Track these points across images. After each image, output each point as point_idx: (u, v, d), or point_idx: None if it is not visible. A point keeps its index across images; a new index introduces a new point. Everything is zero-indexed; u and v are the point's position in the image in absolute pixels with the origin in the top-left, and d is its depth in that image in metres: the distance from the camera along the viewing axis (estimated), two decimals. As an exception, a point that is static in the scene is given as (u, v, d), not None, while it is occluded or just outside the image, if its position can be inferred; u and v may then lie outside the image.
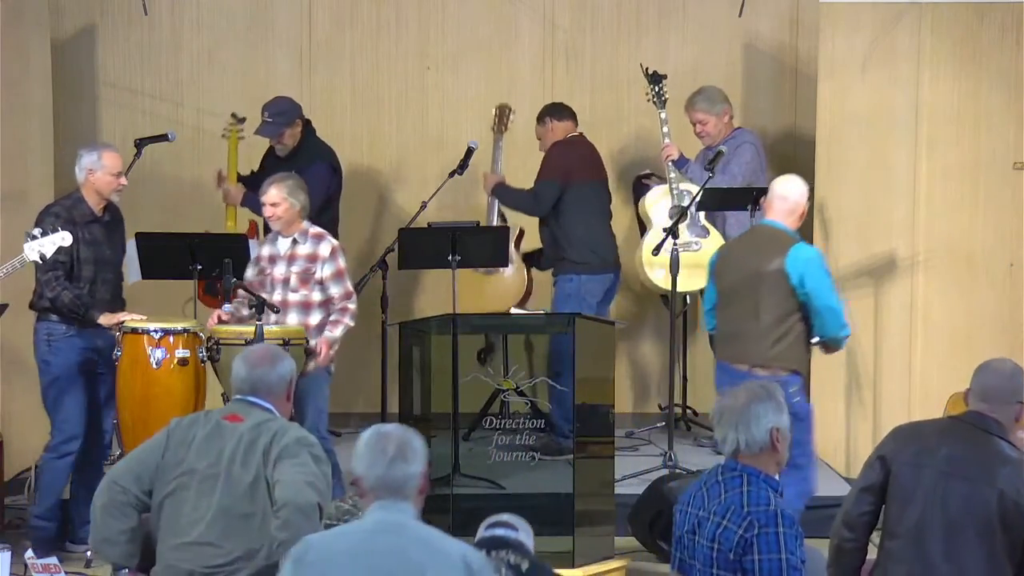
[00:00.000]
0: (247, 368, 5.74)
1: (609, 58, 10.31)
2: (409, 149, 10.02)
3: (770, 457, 5.04)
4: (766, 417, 5.03)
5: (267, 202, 8.12)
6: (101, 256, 7.92)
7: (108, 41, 10.13)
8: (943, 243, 9.29)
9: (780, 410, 5.05)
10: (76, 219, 7.83)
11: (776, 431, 5.02)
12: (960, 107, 9.25)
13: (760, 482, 4.98)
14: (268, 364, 5.76)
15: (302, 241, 8.16)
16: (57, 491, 7.91)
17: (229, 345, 7.92)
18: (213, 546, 5.50)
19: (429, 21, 10.29)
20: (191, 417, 5.74)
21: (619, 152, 10.32)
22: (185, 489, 5.59)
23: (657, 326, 9.99)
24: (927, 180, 9.28)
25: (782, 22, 10.30)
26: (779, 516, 4.87)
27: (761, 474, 4.99)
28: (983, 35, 9.23)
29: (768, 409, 5.04)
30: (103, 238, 7.95)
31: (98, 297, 7.89)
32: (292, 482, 5.40)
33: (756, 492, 4.93)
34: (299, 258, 8.14)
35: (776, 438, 5.02)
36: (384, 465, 4.40)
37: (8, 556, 6.76)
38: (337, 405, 10.17)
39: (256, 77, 10.17)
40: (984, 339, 9.18)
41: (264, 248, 8.22)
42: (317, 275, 8.05)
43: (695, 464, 8.89)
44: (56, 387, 7.88)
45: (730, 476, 4.99)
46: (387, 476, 4.39)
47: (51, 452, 7.92)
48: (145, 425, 7.77)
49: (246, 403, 5.71)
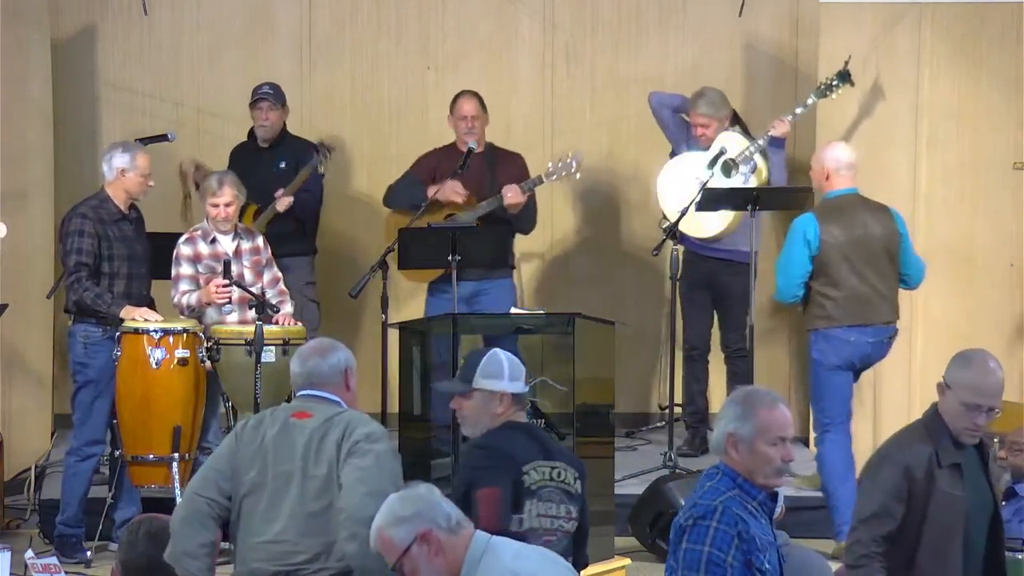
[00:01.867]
0: (300, 363, 5.66)
1: (609, 58, 10.31)
2: (409, 149, 10.00)
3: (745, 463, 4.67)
4: (723, 420, 4.71)
5: (221, 202, 8.10)
6: (134, 252, 7.98)
7: (108, 41, 10.12)
8: (943, 243, 9.28)
9: (742, 417, 4.67)
10: (104, 218, 7.89)
11: (730, 437, 4.66)
12: (960, 107, 9.25)
13: (728, 482, 4.67)
14: (319, 356, 5.68)
15: (244, 237, 8.20)
16: (81, 496, 7.90)
17: (229, 345, 7.92)
18: (291, 543, 5.45)
19: (429, 21, 10.28)
20: (256, 418, 5.60)
21: (619, 152, 10.32)
22: (260, 488, 5.51)
23: (657, 326, 9.99)
24: (927, 180, 9.28)
25: (782, 22, 10.29)
26: (719, 512, 4.58)
27: (738, 477, 4.68)
28: (983, 35, 9.23)
29: (728, 412, 4.71)
30: (133, 235, 8.00)
31: (134, 293, 7.93)
32: (353, 491, 5.33)
33: (714, 488, 4.65)
34: (245, 253, 8.19)
35: (731, 445, 4.66)
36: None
37: (8, 556, 6.76)
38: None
39: (256, 77, 10.14)
40: (984, 339, 9.15)
41: (200, 247, 8.17)
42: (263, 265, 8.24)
43: (695, 464, 8.90)
44: (90, 390, 7.88)
45: (710, 473, 4.77)
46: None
47: (74, 455, 7.91)
48: (145, 425, 7.79)
49: (310, 398, 5.65)
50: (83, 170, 9.94)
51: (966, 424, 5.29)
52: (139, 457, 7.82)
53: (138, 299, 7.94)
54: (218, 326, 8.03)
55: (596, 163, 10.18)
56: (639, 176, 10.22)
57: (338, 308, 10.09)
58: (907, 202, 9.25)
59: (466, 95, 9.13)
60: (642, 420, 10.08)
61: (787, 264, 8.19)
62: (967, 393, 5.28)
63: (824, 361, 8.18)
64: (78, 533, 7.89)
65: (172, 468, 7.73)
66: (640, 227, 10.18)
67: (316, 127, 10.12)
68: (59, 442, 9.09)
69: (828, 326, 8.15)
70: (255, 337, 7.73)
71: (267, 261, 8.29)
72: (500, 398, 5.40)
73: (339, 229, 10.21)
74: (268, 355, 7.80)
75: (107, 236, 7.86)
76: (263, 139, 9.25)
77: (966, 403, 5.27)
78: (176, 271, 8.10)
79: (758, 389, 4.82)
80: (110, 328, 7.85)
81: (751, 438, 4.64)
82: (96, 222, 7.83)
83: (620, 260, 10.33)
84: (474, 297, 8.95)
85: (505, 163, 9.07)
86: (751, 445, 4.64)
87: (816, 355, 8.21)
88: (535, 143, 9.78)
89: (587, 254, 10.36)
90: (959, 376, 5.34)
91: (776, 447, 4.65)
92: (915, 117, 9.21)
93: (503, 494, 5.28)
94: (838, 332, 8.14)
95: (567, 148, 9.29)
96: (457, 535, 4.47)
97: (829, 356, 8.16)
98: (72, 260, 7.82)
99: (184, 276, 8.12)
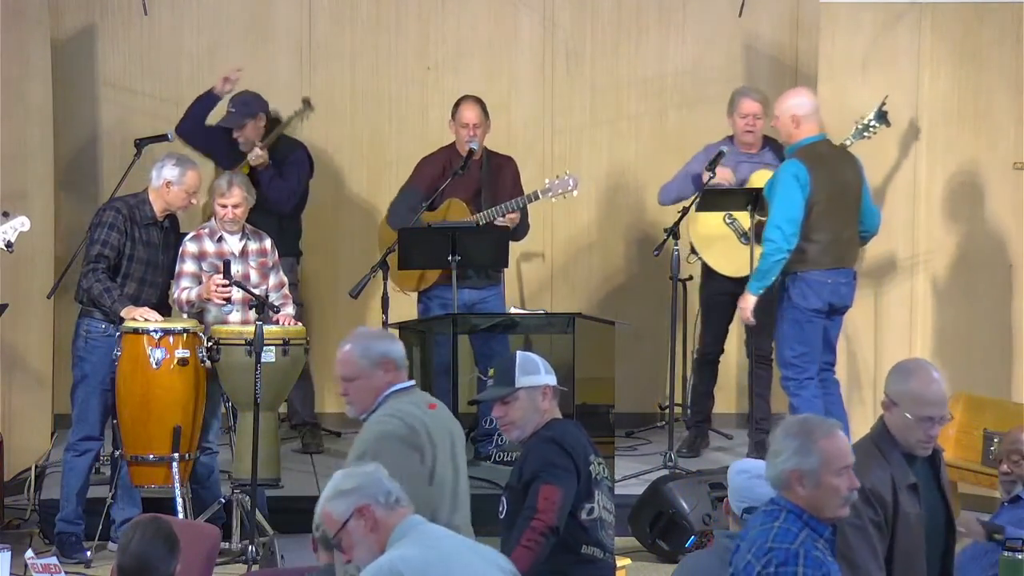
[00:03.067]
0: (398, 345, 5.68)
1: (609, 58, 10.31)
2: (409, 149, 10.00)
3: (811, 498, 4.51)
4: (781, 455, 4.54)
5: (229, 203, 8.11)
6: (154, 259, 8.00)
7: (108, 41, 10.11)
8: (943, 243, 9.28)
9: (803, 451, 4.49)
10: (137, 218, 7.95)
11: (794, 473, 4.49)
12: (960, 107, 9.25)
13: (796, 521, 4.49)
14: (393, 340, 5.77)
15: (251, 238, 8.21)
16: (78, 491, 7.90)
17: (229, 345, 7.92)
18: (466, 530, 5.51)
19: (429, 21, 10.28)
20: (409, 413, 5.50)
21: (619, 152, 10.32)
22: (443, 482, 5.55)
23: (657, 326, 9.98)
24: (927, 180, 9.27)
25: (782, 22, 10.30)
26: (802, 556, 4.41)
27: (804, 514, 4.49)
28: (983, 35, 9.22)
29: (786, 446, 4.52)
30: (159, 243, 8.03)
31: (143, 298, 7.94)
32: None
33: (785, 529, 4.46)
34: (252, 254, 8.20)
35: (795, 480, 4.49)
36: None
37: (8, 556, 6.75)
38: (338, 405, 10.18)
39: (256, 77, 10.14)
40: (984, 340, 9.18)
41: (206, 244, 8.17)
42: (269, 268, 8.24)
43: (695, 464, 8.90)
44: (85, 385, 7.91)
45: (770, 510, 4.57)
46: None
47: (70, 450, 7.95)
48: (145, 425, 7.79)
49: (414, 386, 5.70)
50: (83, 170, 9.95)
51: (919, 437, 5.18)
52: (139, 457, 7.82)
53: (145, 305, 7.92)
54: (218, 326, 8.03)
55: (596, 163, 10.19)
56: (639, 176, 10.22)
57: (338, 308, 10.10)
58: (907, 202, 9.26)
59: (468, 102, 9.03)
60: (642, 420, 10.08)
61: (787, 210, 8.14)
62: (915, 406, 5.15)
63: (803, 304, 8.21)
64: (77, 531, 7.89)
65: (172, 468, 7.73)
66: (641, 227, 10.18)
67: (316, 127, 10.12)
68: (59, 442, 9.08)
69: (807, 269, 8.22)
70: (255, 337, 7.73)
71: (274, 264, 8.29)
72: (543, 392, 5.55)
73: (339, 228, 10.21)
74: (268, 355, 7.80)
75: (133, 237, 7.92)
76: (243, 150, 9.15)
77: (916, 416, 5.14)
78: (179, 268, 8.12)
79: (811, 418, 4.64)
80: (112, 326, 7.86)
81: (817, 471, 4.48)
82: (128, 220, 7.91)
83: (620, 260, 10.33)
84: (474, 306, 8.92)
85: (500, 169, 9.04)
86: (817, 479, 4.48)
87: (795, 298, 8.22)
88: (535, 143, 9.78)
89: (587, 254, 10.35)
90: (903, 389, 5.19)
91: (842, 477, 4.51)
92: (915, 117, 9.21)
93: (564, 496, 5.40)
94: (816, 275, 8.22)
95: (567, 148, 9.29)
96: (394, 512, 4.41)
97: (809, 298, 8.21)
98: (95, 250, 7.88)
99: (186, 273, 8.13)
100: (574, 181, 8.83)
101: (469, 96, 9.09)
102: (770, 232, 8.18)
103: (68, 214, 9.67)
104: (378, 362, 5.50)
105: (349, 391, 5.53)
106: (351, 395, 5.54)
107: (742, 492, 5.17)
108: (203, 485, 8.04)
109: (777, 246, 8.16)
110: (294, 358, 8.02)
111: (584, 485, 5.47)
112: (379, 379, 5.50)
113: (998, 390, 8.97)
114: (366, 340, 5.56)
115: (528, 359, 5.61)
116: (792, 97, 8.36)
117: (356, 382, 5.51)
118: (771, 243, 8.17)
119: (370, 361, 5.49)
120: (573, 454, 5.46)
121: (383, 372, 5.50)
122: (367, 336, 5.62)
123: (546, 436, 5.52)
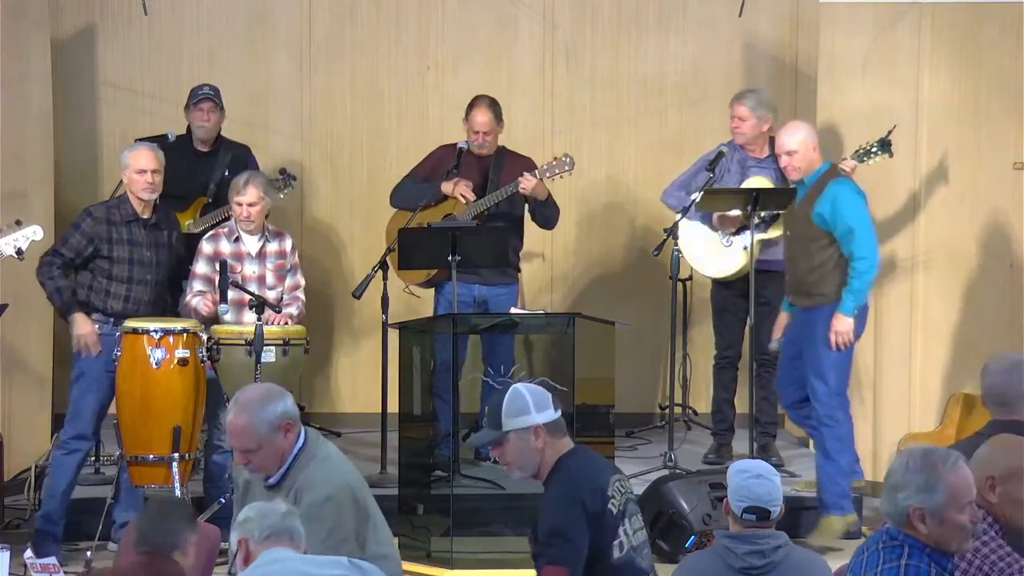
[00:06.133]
0: (288, 400, 5.58)
1: (609, 58, 10.31)
2: (409, 149, 10.01)
3: (934, 534, 4.31)
4: (903, 490, 4.33)
5: (244, 202, 8.10)
6: (140, 257, 7.91)
7: (108, 41, 10.12)
8: (943, 243, 9.28)
9: (928, 488, 4.28)
10: (115, 219, 7.88)
11: (917, 511, 4.29)
12: (960, 107, 9.25)
13: (922, 555, 4.30)
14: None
15: (270, 238, 8.20)
16: (62, 490, 7.83)
17: (229, 345, 7.92)
18: None
19: (429, 21, 10.28)
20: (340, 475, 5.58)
21: (619, 152, 10.32)
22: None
23: (657, 326, 9.98)
24: (927, 180, 9.27)
25: (782, 22, 10.30)
26: None
27: (927, 548, 4.29)
28: (983, 35, 9.22)
29: (909, 482, 4.32)
30: (144, 239, 7.93)
31: (134, 297, 7.90)
32: None
33: (915, 568, 4.28)
34: (270, 255, 8.20)
35: (917, 519, 4.30)
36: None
37: (8, 556, 6.75)
38: (337, 405, 10.20)
39: (256, 77, 10.16)
40: (984, 339, 9.17)
41: (222, 245, 8.18)
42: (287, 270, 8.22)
43: (695, 464, 8.90)
44: (79, 384, 7.89)
45: (890, 546, 4.36)
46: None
47: (60, 448, 7.92)
48: (145, 425, 7.78)
49: None
50: (83, 170, 9.95)
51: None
52: (139, 457, 7.81)
53: (137, 304, 7.90)
54: (218, 326, 8.03)
55: (596, 163, 10.20)
56: (638, 176, 10.23)
57: (338, 308, 10.11)
58: (907, 202, 9.26)
59: (481, 106, 8.87)
60: (642, 420, 10.08)
61: (869, 225, 8.00)
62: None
63: (860, 330, 8.04)
64: (56, 531, 7.77)
65: (172, 468, 7.72)
66: (640, 227, 10.19)
67: (316, 127, 10.13)
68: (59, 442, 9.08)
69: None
70: (255, 337, 7.73)
71: (292, 266, 8.26)
72: (535, 432, 5.26)
73: (339, 228, 10.22)
74: (268, 355, 7.80)
75: (110, 238, 7.86)
76: (201, 140, 9.04)
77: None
78: (193, 268, 8.13)
79: (934, 450, 4.41)
80: (109, 324, 7.86)
81: (941, 510, 4.29)
82: (102, 222, 7.85)
83: (620, 260, 10.34)
84: (486, 302, 8.92)
85: (513, 165, 9.01)
86: (942, 517, 4.29)
87: (856, 325, 7.98)
88: (535, 143, 9.77)
89: (587, 254, 10.36)
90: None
91: (966, 512, 4.32)
92: (915, 117, 9.21)
93: (571, 571, 5.15)
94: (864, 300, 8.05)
95: (567, 148, 9.26)
96: (261, 545, 4.70)
97: (859, 326, 8.04)
98: (54, 247, 7.87)
99: (199, 275, 8.14)
100: (571, 161, 8.79)
101: (482, 98, 8.91)
102: (862, 250, 7.92)
103: (68, 214, 9.66)
104: (278, 425, 5.38)
105: (252, 460, 5.39)
106: (254, 463, 5.41)
107: (741, 492, 5.17)
108: (215, 484, 8.02)
109: (871, 263, 7.97)
110: (294, 358, 8.02)
111: (607, 525, 5.22)
112: (281, 442, 5.41)
113: (998, 390, 8.96)
114: (259, 405, 5.37)
115: (516, 398, 5.29)
116: (803, 128, 8.15)
117: (260, 451, 5.38)
118: (865, 260, 7.93)
119: (269, 426, 5.35)
120: (586, 503, 5.19)
121: (283, 435, 5.39)
122: (258, 400, 5.41)
123: (556, 490, 5.25)
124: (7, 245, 7.43)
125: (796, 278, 8.15)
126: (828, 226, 7.96)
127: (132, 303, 7.90)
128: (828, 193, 7.98)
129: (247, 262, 8.18)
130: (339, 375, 10.29)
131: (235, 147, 9.14)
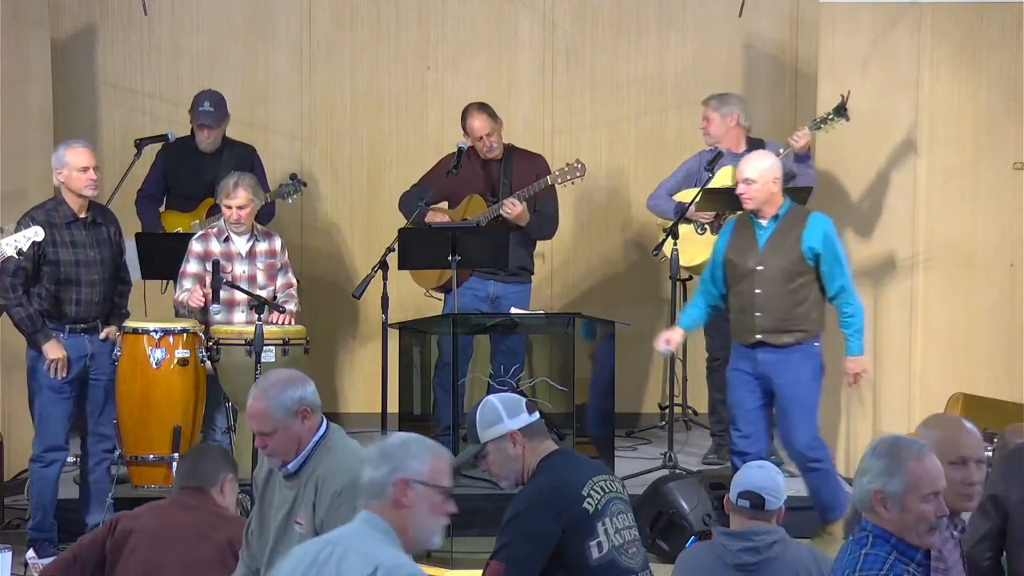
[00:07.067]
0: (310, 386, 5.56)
1: (609, 58, 10.31)
2: (409, 149, 10.02)
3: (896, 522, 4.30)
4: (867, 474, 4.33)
5: (233, 204, 8.12)
6: (85, 258, 7.72)
7: (108, 41, 10.12)
8: (943, 243, 9.27)
9: (889, 472, 4.28)
10: (55, 221, 7.66)
11: (878, 495, 4.28)
12: (960, 107, 9.24)
13: (885, 546, 4.29)
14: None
15: (260, 238, 8.21)
16: (48, 502, 7.78)
17: (229, 345, 7.93)
18: None
19: (429, 21, 10.29)
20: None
21: (619, 152, 10.32)
22: None
23: (657, 326, 9.99)
24: (927, 180, 9.27)
25: (782, 22, 10.30)
26: None
27: (891, 538, 4.28)
28: (983, 35, 9.22)
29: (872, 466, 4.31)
30: (86, 240, 7.74)
31: (85, 300, 7.75)
32: None
33: (874, 557, 4.27)
34: (260, 255, 8.21)
35: (878, 502, 4.29)
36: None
37: (8, 556, 6.76)
38: (337, 405, 10.20)
39: (256, 77, 10.17)
40: (984, 339, 9.18)
41: (212, 244, 8.19)
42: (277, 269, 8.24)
43: (695, 464, 8.90)
44: (41, 396, 7.76)
45: (859, 536, 4.35)
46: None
47: (36, 461, 7.81)
48: (145, 425, 7.79)
49: None
50: (83, 170, 9.94)
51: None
52: (139, 457, 7.82)
53: (88, 306, 7.73)
54: (218, 326, 8.03)
55: (596, 163, 10.19)
56: (639, 176, 10.23)
57: (338, 308, 10.11)
58: (907, 202, 9.25)
59: (473, 112, 8.94)
60: (642, 420, 10.08)
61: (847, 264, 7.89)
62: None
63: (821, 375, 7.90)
64: (51, 536, 7.77)
65: (172, 468, 7.72)
66: (640, 227, 10.19)
67: (316, 127, 10.12)
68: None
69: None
70: (255, 337, 7.73)
71: (283, 265, 8.28)
72: (511, 439, 5.22)
73: (339, 228, 10.22)
74: (268, 355, 7.81)
75: (53, 241, 7.62)
76: (204, 149, 9.08)
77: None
78: (183, 267, 8.11)
79: (903, 438, 4.39)
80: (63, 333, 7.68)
81: (901, 495, 4.27)
82: (44, 226, 7.53)
83: (620, 260, 10.34)
84: (498, 299, 8.94)
85: (522, 165, 9.01)
86: (902, 502, 4.27)
87: (822, 360, 7.88)
88: (535, 143, 9.76)
89: (587, 254, 10.36)
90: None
91: (930, 503, 4.27)
92: (915, 117, 9.21)
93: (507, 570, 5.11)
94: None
95: (567, 148, 9.28)
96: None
97: (820, 371, 7.90)
98: (12, 264, 7.57)
99: (189, 274, 8.14)
100: (583, 168, 8.87)
101: (471, 105, 9.01)
102: (849, 282, 7.78)
103: (68, 214, 9.67)
104: (294, 411, 5.34)
105: (268, 444, 5.35)
106: (270, 447, 5.36)
107: (740, 479, 5.35)
108: None
109: (859, 301, 7.85)
110: (294, 358, 8.02)
111: (580, 524, 5.13)
112: (298, 428, 5.36)
113: (998, 390, 8.97)
114: (277, 390, 5.34)
115: (487, 408, 5.24)
116: (767, 159, 7.86)
117: (276, 435, 5.34)
118: (855, 294, 7.81)
119: (285, 411, 5.32)
120: (552, 502, 5.15)
121: (300, 421, 5.35)
122: (276, 384, 5.37)
123: (524, 491, 5.24)
124: (7, 245, 7.39)
125: (776, 316, 7.76)
126: (817, 260, 7.75)
127: (83, 306, 7.73)
128: (815, 226, 7.75)
129: (237, 262, 8.18)
130: (339, 375, 10.30)
131: (240, 147, 9.14)
